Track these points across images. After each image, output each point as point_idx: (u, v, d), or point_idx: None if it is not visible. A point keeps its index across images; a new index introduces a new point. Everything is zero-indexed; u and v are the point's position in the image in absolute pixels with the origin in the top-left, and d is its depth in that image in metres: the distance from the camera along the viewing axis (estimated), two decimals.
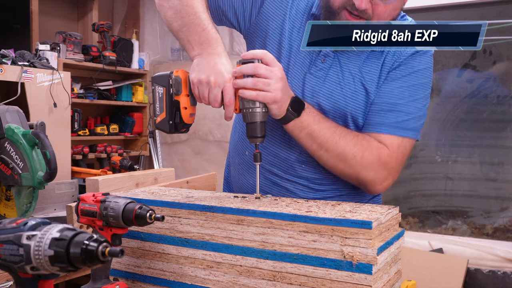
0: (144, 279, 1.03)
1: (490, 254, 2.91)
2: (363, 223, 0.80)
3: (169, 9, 1.18)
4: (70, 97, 3.14)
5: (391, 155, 1.16)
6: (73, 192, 2.55)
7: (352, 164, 1.15)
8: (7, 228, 0.72)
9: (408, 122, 1.18)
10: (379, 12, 1.10)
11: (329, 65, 1.19)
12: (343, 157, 1.14)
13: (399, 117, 1.17)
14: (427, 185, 3.39)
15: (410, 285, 0.99)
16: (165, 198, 1.04)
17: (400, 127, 1.17)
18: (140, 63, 4.28)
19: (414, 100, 1.18)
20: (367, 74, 1.18)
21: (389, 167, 1.17)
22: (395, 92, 1.18)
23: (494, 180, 3.21)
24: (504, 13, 3.08)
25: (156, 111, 1.09)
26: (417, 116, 1.19)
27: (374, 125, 1.19)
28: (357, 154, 1.14)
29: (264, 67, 1.05)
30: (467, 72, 3.23)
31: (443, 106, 3.32)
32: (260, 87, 1.04)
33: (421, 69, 1.19)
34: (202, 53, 1.10)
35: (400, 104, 1.18)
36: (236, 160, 1.36)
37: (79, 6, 4.33)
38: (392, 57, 1.19)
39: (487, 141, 3.21)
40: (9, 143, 2.03)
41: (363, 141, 1.15)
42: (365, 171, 1.15)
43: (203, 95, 1.07)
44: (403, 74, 1.18)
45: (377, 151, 1.15)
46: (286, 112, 1.09)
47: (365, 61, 1.19)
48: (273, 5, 1.23)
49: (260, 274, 0.89)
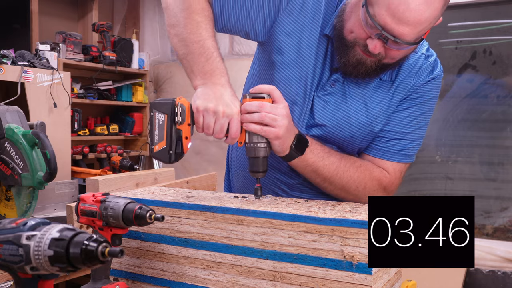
0: (144, 279, 1.03)
1: (490, 254, 2.91)
2: (363, 223, 0.80)
3: (175, 36, 1.14)
4: (70, 97, 3.14)
5: (392, 181, 1.21)
6: (73, 192, 2.55)
7: (355, 194, 1.18)
8: (7, 228, 0.72)
9: (412, 149, 1.22)
10: (393, 54, 1.08)
11: (337, 90, 1.18)
12: (346, 189, 1.18)
13: (405, 145, 1.20)
14: (427, 185, 3.38)
15: (410, 285, 0.99)
16: (165, 198, 1.04)
17: (404, 154, 1.21)
18: (140, 63, 4.28)
19: (419, 128, 1.21)
20: (376, 104, 1.18)
21: (389, 190, 1.21)
22: (404, 122, 1.20)
23: (494, 180, 3.20)
24: (504, 13, 3.08)
25: (155, 140, 1.02)
26: (419, 143, 1.23)
27: (380, 151, 1.21)
28: (359, 185, 1.17)
29: (269, 105, 1.05)
30: (467, 72, 3.23)
31: (443, 106, 3.32)
32: (266, 121, 1.03)
33: (432, 97, 1.20)
34: (206, 83, 1.08)
35: (408, 133, 1.20)
36: (239, 172, 1.37)
37: (79, 6, 4.33)
38: (405, 86, 1.18)
39: (487, 141, 3.21)
40: (9, 143, 2.03)
41: (365, 172, 1.18)
42: (366, 198, 1.18)
43: (208, 125, 1.03)
44: (413, 104, 1.19)
45: (378, 180, 1.19)
46: (290, 150, 1.09)
47: (374, 91, 1.18)
48: (289, 20, 1.17)
49: (260, 274, 0.89)
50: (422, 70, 1.18)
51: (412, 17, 0.98)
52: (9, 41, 3.50)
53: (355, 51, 1.10)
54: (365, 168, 1.19)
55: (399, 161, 1.21)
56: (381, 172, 1.20)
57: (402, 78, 1.18)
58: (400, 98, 1.18)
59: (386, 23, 0.99)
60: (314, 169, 1.14)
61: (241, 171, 1.35)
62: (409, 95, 1.18)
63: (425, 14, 0.98)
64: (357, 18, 1.06)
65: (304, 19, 1.16)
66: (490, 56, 3.14)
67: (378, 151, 1.21)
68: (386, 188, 1.20)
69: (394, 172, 1.21)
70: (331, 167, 1.15)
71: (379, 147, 1.21)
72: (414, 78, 1.18)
